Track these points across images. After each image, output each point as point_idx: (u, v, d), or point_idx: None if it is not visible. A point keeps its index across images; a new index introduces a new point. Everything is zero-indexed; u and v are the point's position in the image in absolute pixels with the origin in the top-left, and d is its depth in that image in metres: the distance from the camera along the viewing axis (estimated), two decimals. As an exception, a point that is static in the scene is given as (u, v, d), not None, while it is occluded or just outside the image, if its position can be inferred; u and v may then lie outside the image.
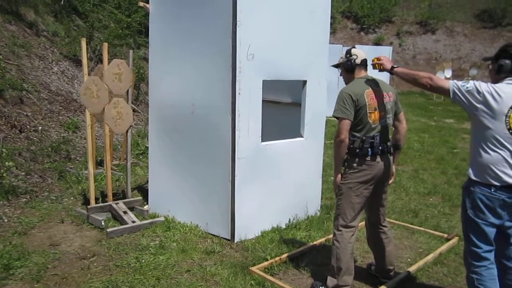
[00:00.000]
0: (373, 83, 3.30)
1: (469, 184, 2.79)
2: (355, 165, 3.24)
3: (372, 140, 3.20)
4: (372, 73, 3.37)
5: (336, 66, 3.55)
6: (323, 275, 3.46)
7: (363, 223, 3.83)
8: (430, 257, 4.05)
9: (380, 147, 3.23)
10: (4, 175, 5.13)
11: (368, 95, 3.21)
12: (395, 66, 3.11)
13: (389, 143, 3.33)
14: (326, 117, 5.10)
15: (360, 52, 3.41)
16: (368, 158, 3.21)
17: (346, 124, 3.16)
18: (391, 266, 3.57)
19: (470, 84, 2.67)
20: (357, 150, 3.21)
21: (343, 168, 3.35)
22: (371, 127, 3.21)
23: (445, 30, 23.84)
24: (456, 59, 22.15)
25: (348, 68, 3.38)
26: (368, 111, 3.19)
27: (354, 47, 3.50)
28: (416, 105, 16.66)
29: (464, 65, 21.81)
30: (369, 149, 3.20)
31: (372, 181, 3.26)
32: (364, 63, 3.39)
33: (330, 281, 3.32)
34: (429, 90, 2.88)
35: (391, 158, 3.38)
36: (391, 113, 3.33)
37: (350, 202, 3.28)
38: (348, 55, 3.39)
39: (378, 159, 3.24)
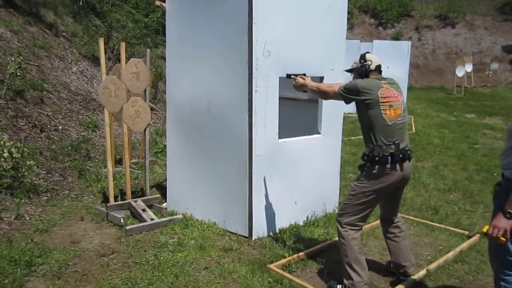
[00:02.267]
0: (387, 82, 3.26)
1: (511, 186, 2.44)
2: (375, 172, 3.17)
3: (393, 147, 3.13)
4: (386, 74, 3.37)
5: (349, 71, 3.51)
6: (341, 273, 3.44)
7: (379, 221, 3.79)
8: (450, 254, 3.99)
9: (400, 155, 3.16)
10: (26, 174, 5.22)
11: (383, 92, 3.17)
12: None
13: (408, 148, 3.25)
14: (344, 113, 5.06)
15: (375, 57, 3.37)
16: (388, 166, 3.15)
17: (337, 94, 3.31)
18: (407, 262, 3.53)
19: None
20: (377, 158, 3.15)
21: (360, 171, 3.32)
22: (387, 124, 3.15)
23: (465, 23, 23.34)
24: (477, 52, 21.67)
25: (362, 74, 3.34)
26: (382, 108, 3.14)
27: (368, 52, 3.45)
28: (436, 100, 16.40)
29: (485, 59, 21.36)
30: (389, 157, 3.13)
31: (389, 188, 3.22)
32: (378, 69, 3.35)
33: (345, 278, 3.32)
34: None
35: (410, 163, 3.30)
36: (406, 112, 3.30)
37: (360, 204, 3.25)
38: (363, 61, 3.35)
39: (398, 167, 3.17)
